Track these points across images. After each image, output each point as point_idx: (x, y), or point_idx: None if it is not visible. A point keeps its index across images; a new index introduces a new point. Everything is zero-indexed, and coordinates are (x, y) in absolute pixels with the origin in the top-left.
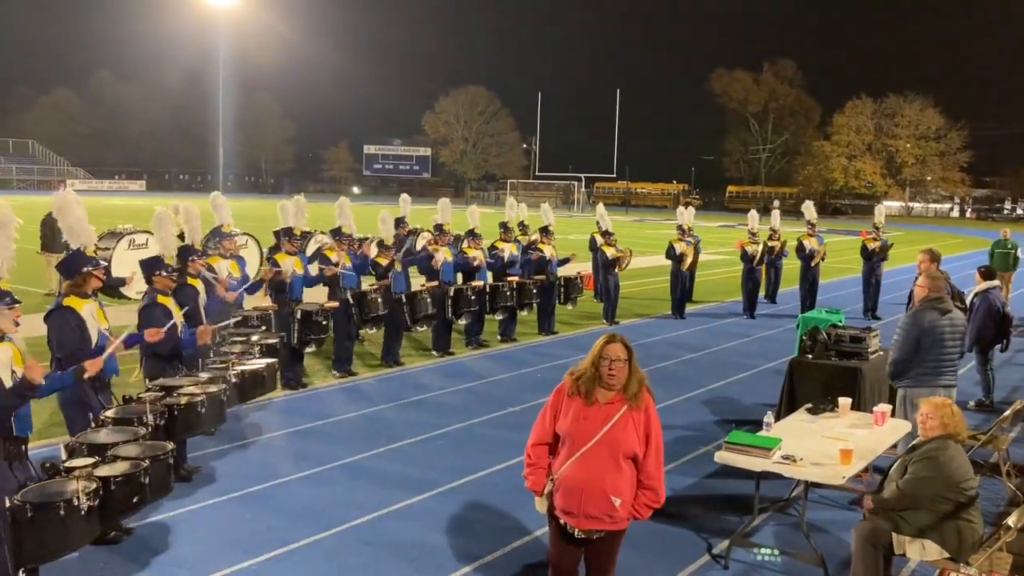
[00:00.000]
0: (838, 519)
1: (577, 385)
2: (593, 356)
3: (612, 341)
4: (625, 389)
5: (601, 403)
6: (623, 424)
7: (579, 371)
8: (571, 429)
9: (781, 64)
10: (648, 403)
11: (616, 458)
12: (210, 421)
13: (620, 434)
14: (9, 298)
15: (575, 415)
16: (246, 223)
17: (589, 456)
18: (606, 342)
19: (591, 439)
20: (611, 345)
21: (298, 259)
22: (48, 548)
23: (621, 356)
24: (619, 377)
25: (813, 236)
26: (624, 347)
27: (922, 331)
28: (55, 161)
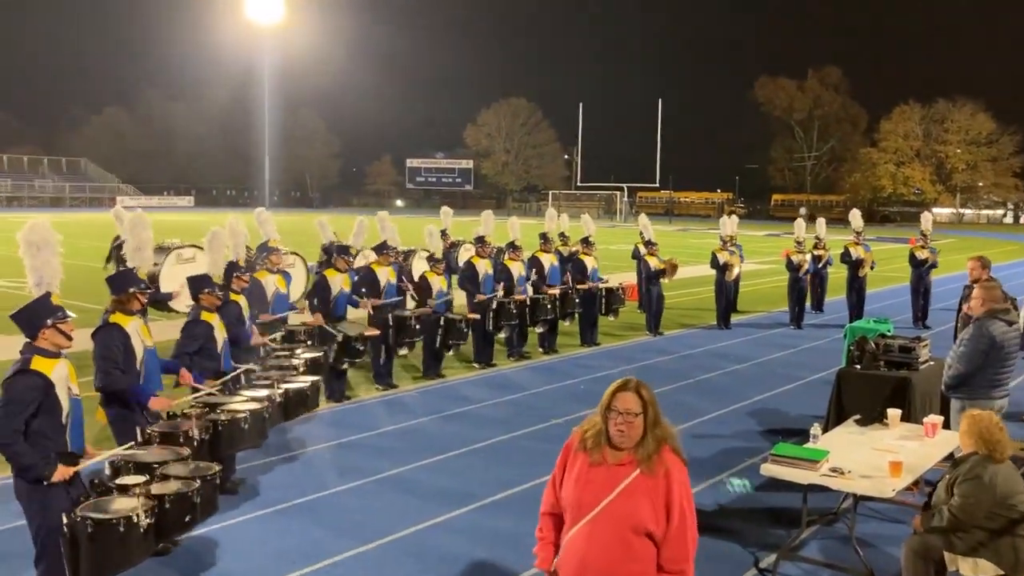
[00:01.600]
0: (888, 533)
1: (583, 440)
2: (602, 406)
3: (624, 389)
4: (638, 449)
5: (609, 464)
6: (632, 492)
7: (587, 423)
8: (573, 495)
9: (826, 71)
10: (670, 467)
11: (623, 534)
12: (253, 437)
13: (628, 505)
14: (62, 312)
15: (578, 477)
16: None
17: (591, 530)
18: (616, 390)
19: (592, 509)
20: (622, 394)
21: (347, 277)
22: (107, 565)
23: (633, 408)
24: (630, 435)
25: (859, 244)
26: (639, 397)
27: (992, 343)
28: (106, 179)
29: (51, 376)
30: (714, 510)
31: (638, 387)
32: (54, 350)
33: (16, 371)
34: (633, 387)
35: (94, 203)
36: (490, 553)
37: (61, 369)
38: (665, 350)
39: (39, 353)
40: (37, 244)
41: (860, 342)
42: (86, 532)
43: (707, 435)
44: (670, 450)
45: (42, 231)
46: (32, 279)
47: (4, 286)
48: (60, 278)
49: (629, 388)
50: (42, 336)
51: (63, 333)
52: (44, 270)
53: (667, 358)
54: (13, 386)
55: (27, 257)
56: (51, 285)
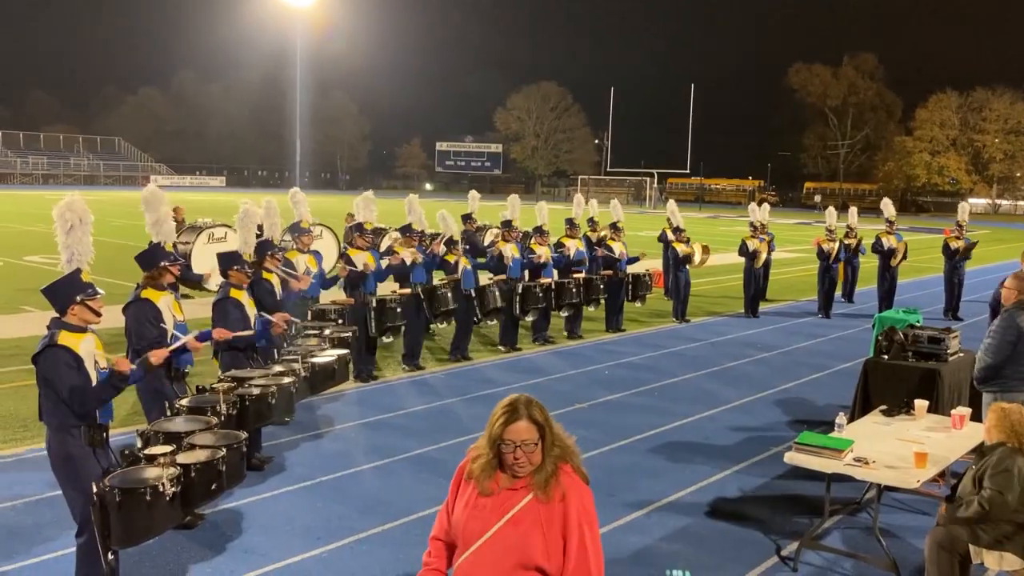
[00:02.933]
0: (912, 524)
1: (470, 472)
2: (491, 437)
3: (514, 417)
4: (534, 473)
5: (500, 489)
6: (522, 521)
7: (476, 450)
8: (461, 521)
9: (861, 57)
10: (568, 491)
11: (510, 568)
12: (280, 412)
13: (516, 535)
14: (92, 289)
15: (467, 502)
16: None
17: (476, 561)
18: (506, 420)
19: (479, 538)
20: (514, 426)
21: (371, 255)
22: (134, 532)
23: (529, 438)
24: (530, 463)
25: (892, 234)
26: (532, 423)
27: (1020, 334)
28: (140, 158)
29: (79, 351)
30: (737, 497)
31: (529, 411)
32: (82, 325)
33: (45, 347)
34: (524, 415)
35: (127, 182)
36: None
37: (88, 343)
38: (691, 337)
39: (66, 328)
40: (71, 222)
41: (889, 332)
42: (115, 501)
43: (732, 423)
44: (569, 470)
45: (77, 209)
46: (64, 255)
47: (39, 262)
48: (91, 256)
49: (519, 415)
50: (71, 312)
51: (92, 309)
52: (76, 247)
53: (693, 345)
54: (50, 362)
55: (60, 234)
56: (82, 262)
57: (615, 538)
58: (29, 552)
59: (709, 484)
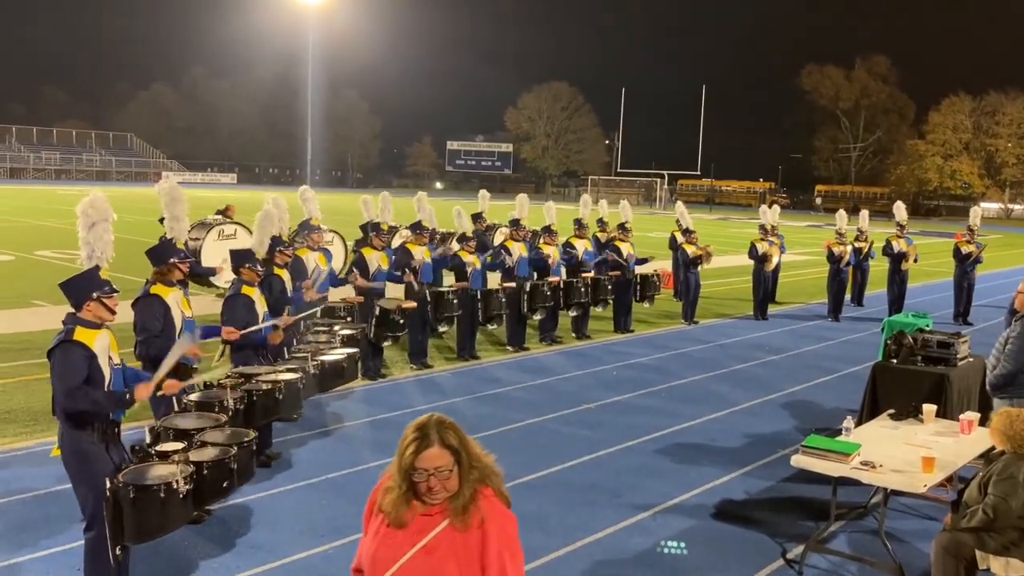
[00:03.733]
0: (918, 528)
1: (380, 505)
2: (402, 467)
3: (425, 443)
4: (451, 499)
5: (414, 515)
6: (435, 549)
7: (386, 478)
8: (370, 549)
9: (874, 60)
10: (487, 516)
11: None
12: (287, 408)
13: (428, 566)
14: (108, 287)
15: (376, 530)
16: (332, 217)
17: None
18: (417, 447)
19: (388, 569)
20: (425, 453)
21: (384, 254)
22: (147, 529)
23: (443, 464)
24: (447, 489)
25: (902, 238)
26: (445, 448)
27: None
28: (151, 154)
29: (93, 347)
30: (743, 500)
31: (441, 435)
32: (97, 321)
33: (60, 341)
34: (436, 440)
35: (139, 177)
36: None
37: (103, 339)
38: (700, 339)
39: (81, 324)
40: (94, 219)
41: (898, 336)
42: (128, 497)
43: (739, 425)
44: (490, 494)
45: (101, 207)
46: (84, 251)
47: (51, 256)
48: (110, 253)
49: (430, 441)
50: (86, 308)
51: (107, 307)
52: (96, 244)
53: (701, 347)
54: (63, 356)
55: (82, 230)
56: (101, 259)
57: (620, 539)
58: (37, 545)
59: (715, 486)
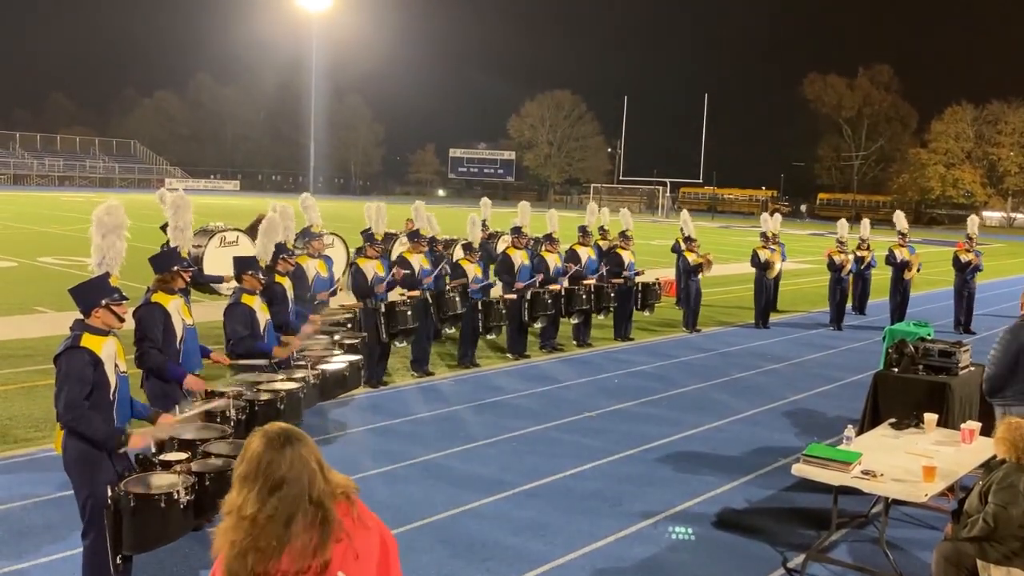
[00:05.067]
0: (920, 538)
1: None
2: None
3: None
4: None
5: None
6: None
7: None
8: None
9: (876, 69)
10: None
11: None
12: (288, 417)
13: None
14: (118, 294)
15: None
16: (335, 224)
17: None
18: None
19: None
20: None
21: (379, 263)
22: (147, 538)
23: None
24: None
25: (904, 246)
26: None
27: (1021, 347)
28: (155, 161)
29: (100, 353)
30: (744, 508)
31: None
32: (104, 328)
33: (67, 347)
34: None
35: (142, 184)
36: (518, 540)
37: (110, 347)
38: (701, 347)
39: (89, 330)
40: (109, 226)
41: (899, 345)
42: (129, 506)
43: (740, 434)
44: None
45: (116, 215)
46: (95, 258)
47: (54, 263)
48: (121, 262)
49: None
50: (95, 315)
51: (116, 314)
52: (108, 252)
53: (703, 355)
54: (69, 363)
55: (96, 236)
56: (111, 267)
57: (621, 548)
58: (39, 551)
59: (716, 495)
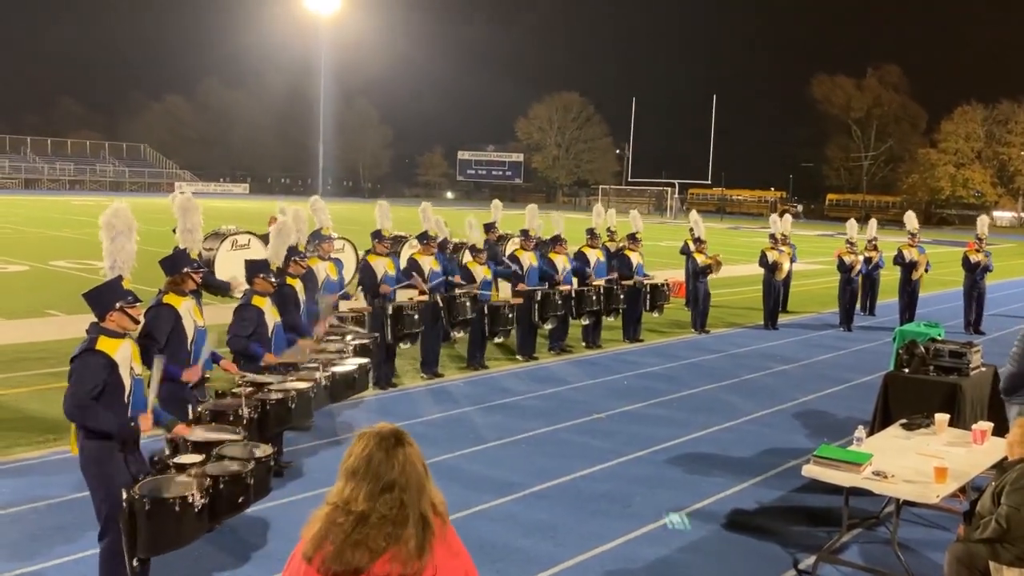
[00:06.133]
0: (932, 539)
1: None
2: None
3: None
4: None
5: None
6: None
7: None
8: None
9: (885, 69)
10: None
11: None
12: (299, 417)
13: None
14: (131, 296)
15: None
16: (344, 226)
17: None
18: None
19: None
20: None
21: (390, 261)
22: (161, 541)
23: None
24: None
25: (914, 247)
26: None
27: None
28: (165, 164)
29: (115, 356)
30: (755, 510)
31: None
32: (120, 331)
33: (83, 350)
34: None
35: (152, 188)
36: (527, 542)
37: (125, 349)
38: (711, 348)
39: (105, 333)
40: (117, 229)
41: (909, 346)
42: (144, 509)
43: (750, 435)
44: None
45: (124, 217)
46: (107, 262)
47: (65, 266)
48: (133, 264)
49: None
50: (110, 318)
51: (130, 317)
52: (119, 255)
53: (712, 356)
54: (82, 364)
55: (105, 240)
56: (123, 270)
57: (631, 549)
58: (50, 553)
59: (727, 496)
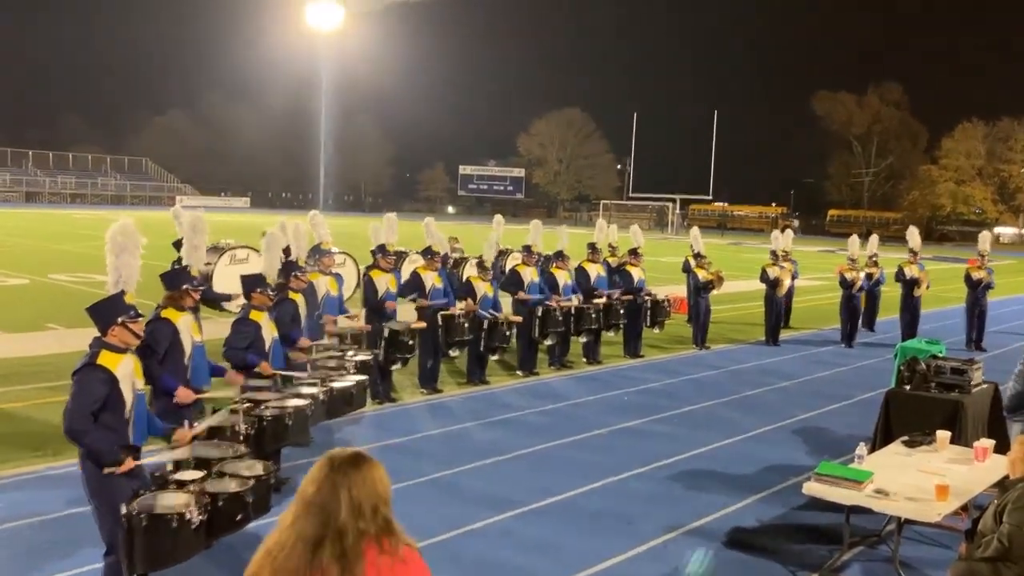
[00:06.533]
0: (933, 557)
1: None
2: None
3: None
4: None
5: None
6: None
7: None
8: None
9: (886, 87)
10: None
11: None
12: (297, 434)
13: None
14: (134, 311)
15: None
16: (344, 241)
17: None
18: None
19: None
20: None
21: (392, 276)
22: (158, 557)
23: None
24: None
25: (915, 264)
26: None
27: None
28: (166, 178)
29: (116, 371)
30: (755, 527)
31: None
32: (122, 346)
33: (84, 364)
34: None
35: (154, 202)
36: (527, 560)
37: (127, 364)
38: (711, 364)
39: (107, 348)
40: (122, 245)
41: (911, 363)
42: (141, 525)
43: (750, 452)
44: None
45: (129, 233)
46: (111, 277)
47: (66, 280)
48: (137, 280)
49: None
50: (112, 333)
51: (132, 332)
52: (124, 270)
53: (713, 372)
54: (82, 379)
55: (110, 256)
56: (127, 285)
57: (630, 567)
58: (44, 569)
59: (727, 513)
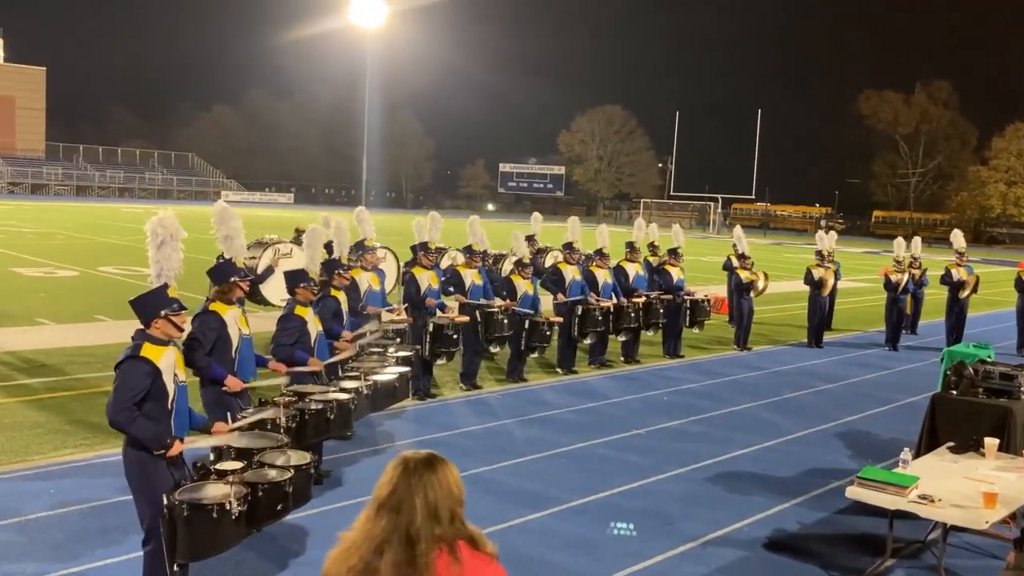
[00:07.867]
0: (979, 566)
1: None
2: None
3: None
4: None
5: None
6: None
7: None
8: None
9: (935, 85)
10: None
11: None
12: (338, 427)
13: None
14: (177, 304)
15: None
16: (386, 237)
17: None
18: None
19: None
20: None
21: (434, 273)
22: (200, 547)
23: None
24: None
25: (962, 266)
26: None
27: None
28: (212, 173)
29: (159, 363)
30: (795, 531)
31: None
32: (164, 338)
33: (127, 356)
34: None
35: (199, 196)
36: (564, 557)
37: (169, 356)
38: (753, 366)
39: (149, 340)
40: (163, 237)
41: (958, 367)
42: (183, 515)
43: (792, 455)
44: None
45: (170, 226)
46: (153, 270)
47: (114, 272)
48: (179, 272)
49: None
50: (155, 325)
51: (175, 324)
52: (165, 263)
53: (754, 374)
54: (125, 371)
55: (151, 249)
56: (169, 278)
57: (669, 568)
58: (93, 555)
59: (767, 516)
